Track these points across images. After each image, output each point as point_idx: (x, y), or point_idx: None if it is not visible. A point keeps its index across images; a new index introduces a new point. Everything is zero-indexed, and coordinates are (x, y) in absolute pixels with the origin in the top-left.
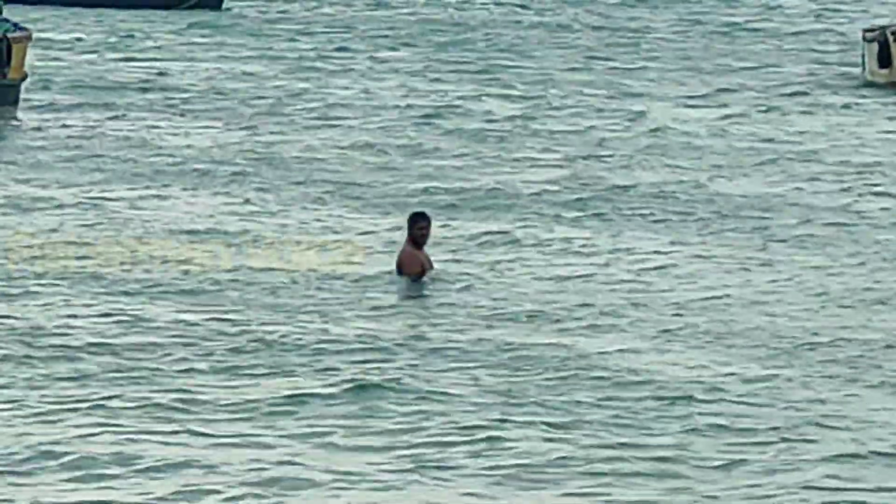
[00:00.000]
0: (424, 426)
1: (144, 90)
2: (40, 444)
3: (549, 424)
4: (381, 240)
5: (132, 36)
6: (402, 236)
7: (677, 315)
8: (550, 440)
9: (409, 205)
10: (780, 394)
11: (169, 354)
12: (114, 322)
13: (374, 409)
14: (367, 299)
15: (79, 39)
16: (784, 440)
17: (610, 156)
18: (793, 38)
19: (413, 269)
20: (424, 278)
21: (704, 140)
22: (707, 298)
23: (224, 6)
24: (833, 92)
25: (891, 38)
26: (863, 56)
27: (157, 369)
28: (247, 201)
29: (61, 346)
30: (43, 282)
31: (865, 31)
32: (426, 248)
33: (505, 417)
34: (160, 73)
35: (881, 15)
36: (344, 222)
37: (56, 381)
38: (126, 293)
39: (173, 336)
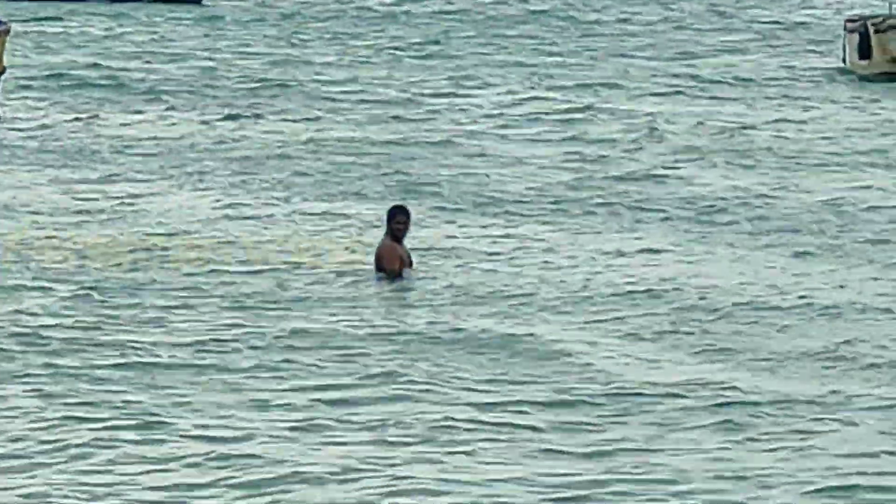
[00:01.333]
0: (408, 418)
1: (127, 84)
2: (33, 442)
3: (533, 414)
4: (364, 234)
5: (113, 28)
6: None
7: (660, 311)
8: (534, 427)
9: (392, 199)
10: (765, 390)
11: (153, 351)
12: (108, 320)
13: (358, 402)
14: (347, 294)
15: (59, 33)
16: (778, 438)
17: (590, 150)
18: (774, 28)
19: (392, 263)
20: (404, 275)
21: (684, 132)
22: (698, 295)
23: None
24: (813, 83)
25: (871, 29)
26: (844, 47)
27: (141, 366)
28: (229, 196)
29: (45, 343)
30: (25, 279)
31: (846, 21)
32: (405, 242)
33: (489, 407)
34: (142, 67)
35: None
36: (326, 216)
37: (41, 379)
38: (113, 290)
39: (159, 333)
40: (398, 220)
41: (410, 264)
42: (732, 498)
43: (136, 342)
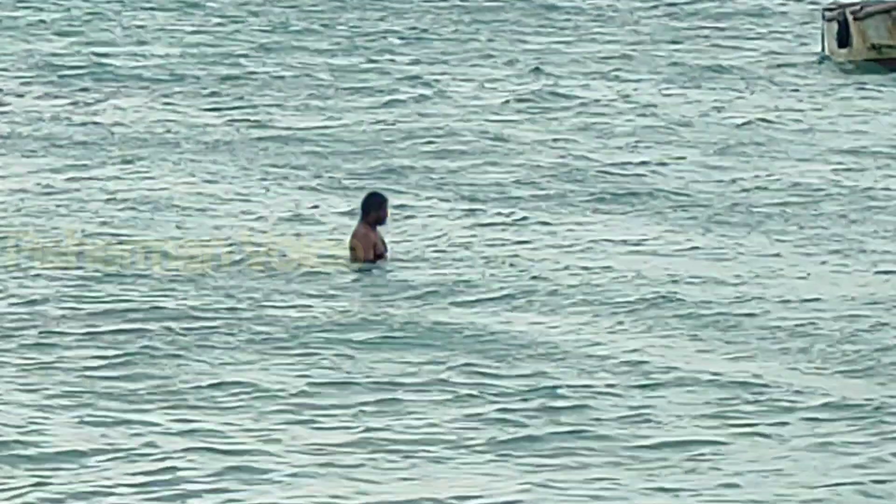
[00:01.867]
0: (384, 408)
1: (108, 70)
2: (12, 433)
3: (511, 401)
4: (340, 221)
5: (94, 14)
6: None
7: (643, 301)
8: (513, 420)
9: (369, 186)
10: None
11: (139, 340)
12: (84, 309)
13: (333, 394)
14: (322, 281)
15: (39, 18)
16: (765, 425)
17: (572, 138)
18: (752, 16)
19: (367, 251)
20: (383, 262)
21: (663, 120)
22: (682, 284)
23: None
24: (792, 71)
25: (850, 18)
26: (822, 35)
27: (132, 356)
28: (208, 183)
29: (22, 331)
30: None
31: (825, 9)
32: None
33: (468, 398)
34: (123, 52)
35: None
36: (304, 203)
37: (13, 370)
38: (89, 279)
39: (145, 321)
40: (384, 209)
41: (385, 251)
42: (721, 492)
43: (112, 330)
